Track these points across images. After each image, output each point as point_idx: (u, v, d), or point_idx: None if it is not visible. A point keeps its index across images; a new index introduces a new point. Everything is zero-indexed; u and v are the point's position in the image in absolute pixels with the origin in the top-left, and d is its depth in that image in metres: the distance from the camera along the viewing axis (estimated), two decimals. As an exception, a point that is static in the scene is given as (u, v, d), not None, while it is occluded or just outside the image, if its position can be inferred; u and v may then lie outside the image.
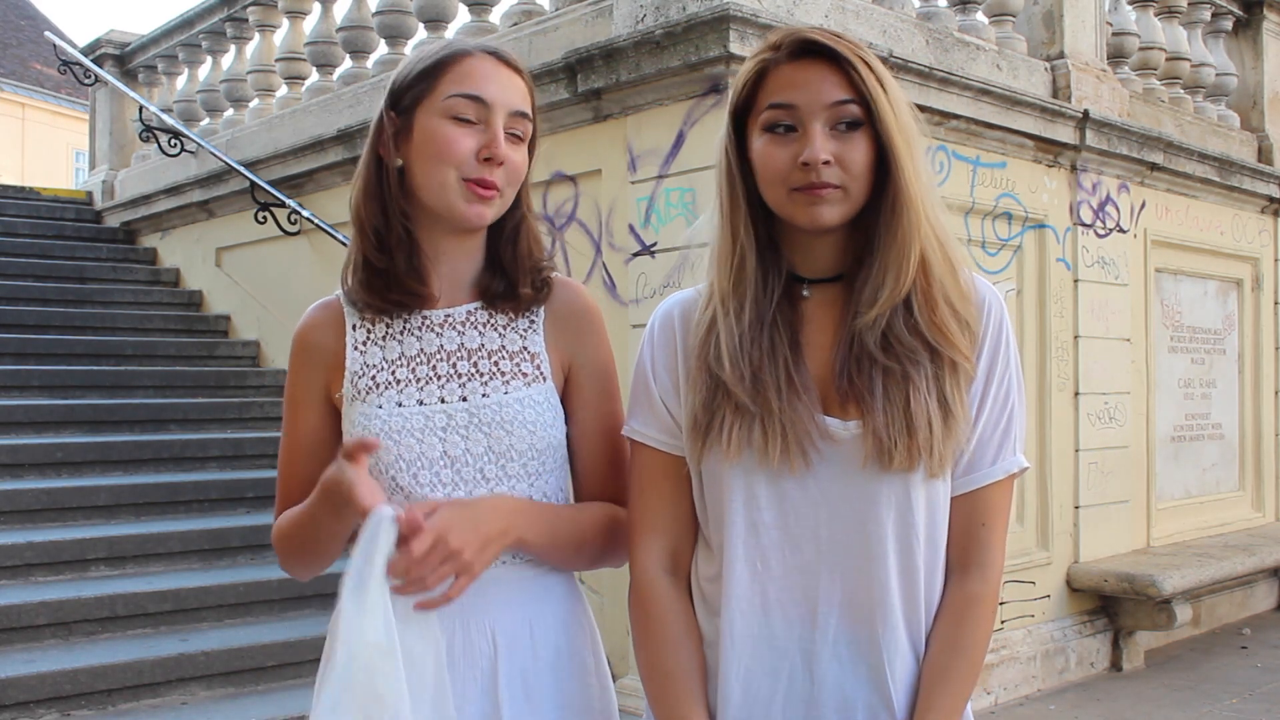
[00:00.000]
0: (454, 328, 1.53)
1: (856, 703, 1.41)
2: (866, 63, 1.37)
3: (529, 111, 1.50)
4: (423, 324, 1.53)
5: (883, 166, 1.37)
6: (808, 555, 1.39)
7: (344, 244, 5.50)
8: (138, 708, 3.80)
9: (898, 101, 1.38)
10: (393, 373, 1.51)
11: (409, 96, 1.49)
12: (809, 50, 1.38)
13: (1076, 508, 5.47)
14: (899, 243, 1.37)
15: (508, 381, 1.51)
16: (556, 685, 1.50)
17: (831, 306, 1.43)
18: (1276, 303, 7.10)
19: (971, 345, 1.40)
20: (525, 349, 1.54)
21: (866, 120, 1.36)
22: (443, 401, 1.49)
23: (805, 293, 1.44)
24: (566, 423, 1.55)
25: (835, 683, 1.41)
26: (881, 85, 1.36)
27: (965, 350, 1.39)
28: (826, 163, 1.35)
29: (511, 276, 1.54)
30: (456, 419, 1.48)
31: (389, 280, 1.50)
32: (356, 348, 1.53)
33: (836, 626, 1.40)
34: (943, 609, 1.43)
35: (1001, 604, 5.00)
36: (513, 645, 1.48)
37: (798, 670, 1.41)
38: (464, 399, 1.49)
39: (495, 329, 1.54)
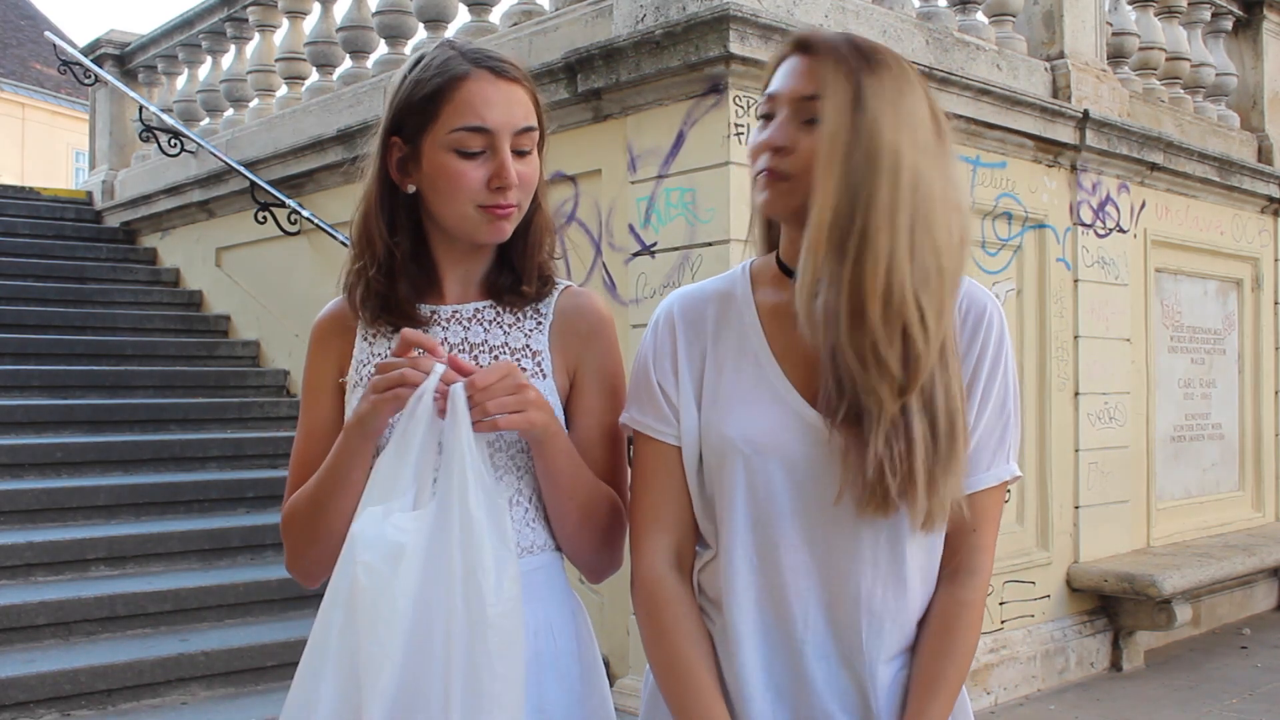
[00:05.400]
0: (460, 323, 1.55)
1: (840, 705, 1.41)
2: (843, 59, 1.33)
3: (534, 123, 1.50)
4: (431, 318, 1.56)
5: None
6: (800, 555, 1.40)
7: (344, 244, 5.50)
8: (138, 708, 3.80)
9: (867, 97, 1.31)
10: None
11: (412, 124, 1.48)
12: (801, 44, 1.40)
13: (1076, 508, 5.46)
14: (827, 253, 1.31)
15: None
16: (548, 686, 1.49)
17: None
18: (1276, 303, 7.09)
19: (915, 376, 1.31)
20: (528, 346, 1.55)
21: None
22: None
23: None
24: (569, 426, 1.55)
25: (822, 684, 1.41)
26: (852, 80, 1.32)
27: (887, 390, 1.30)
28: (778, 150, 1.36)
29: (519, 272, 1.56)
30: None
31: (388, 303, 1.53)
32: (366, 338, 1.57)
33: (823, 629, 1.40)
34: (932, 615, 1.43)
35: (1001, 604, 5.01)
36: None
37: (787, 669, 1.42)
38: None
39: (500, 326, 1.56)
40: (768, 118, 1.40)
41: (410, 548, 1.31)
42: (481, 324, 1.56)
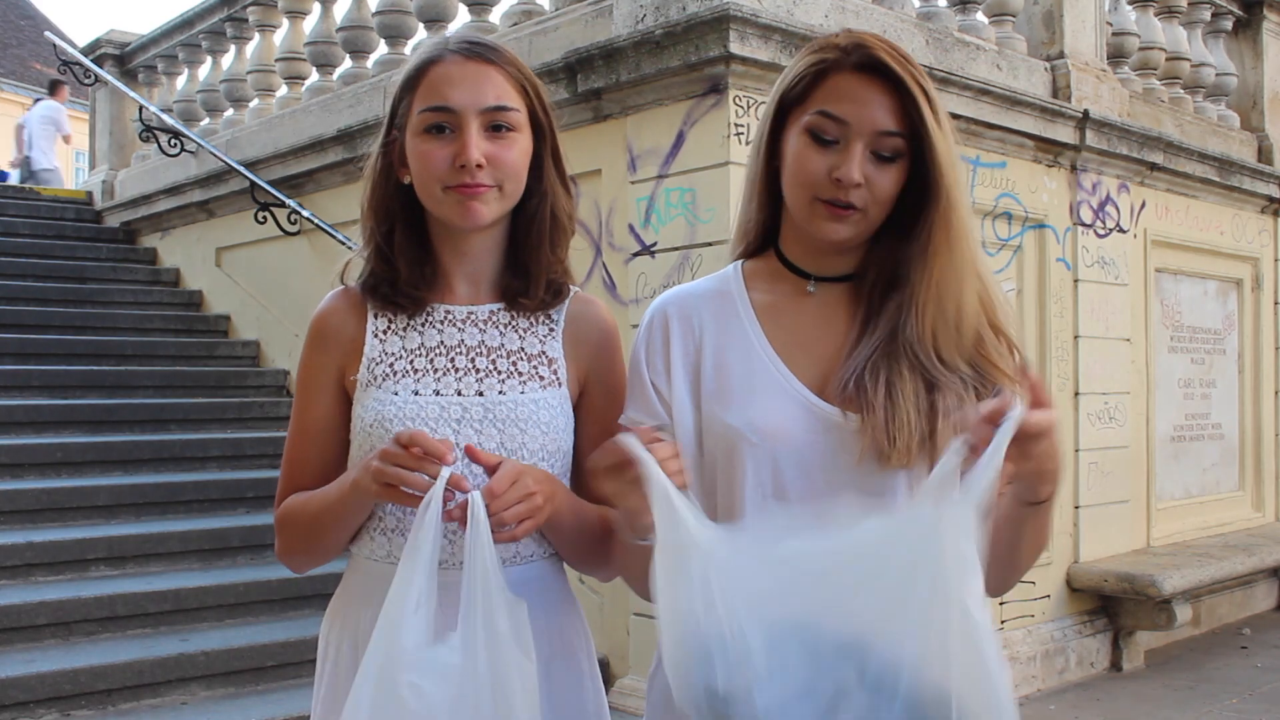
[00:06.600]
0: (476, 325, 1.55)
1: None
2: (925, 92, 1.38)
3: (509, 103, 1.48)
4: (445, 318, 1.55)
5: (923, 196, 1.40)
6: None
7: (344, 244, 5.50)
8: (138, 708, 3.80)
9: (947, 132, 1.40)
10: (410, 362, 1.53)
11: (399, 114, 1.52)
12: (873, 67, 1.38)
13: (1076, 508, 5.46)
14: (949, 270, 1.39)
15: (525, 382, 1.52)
16: (549, 688, 1.49)
17: (838, 305, 1.47)
18: (1276, 303, 7.09)
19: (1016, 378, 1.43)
20: (544, 353, 1.55)
21: (908, 153, 1.39)
22: (459, 394, 1.50)
23: (810, 288, 1.48)
24: (577, 431, 1.57)
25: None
26: (936, 118, 1.38)
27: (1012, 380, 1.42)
28: (858, 185, 1.37)
29: (529, 276, 1.55)
30: (471, 412, 1.49)
31: (393, 285, 1.54)
32: (377, 335, 1.55)
33: None
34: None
35: (1001, 604, 5.00)
36: None
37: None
38: (480, 394, 1.51)
39: (516, 330, 1.56)
40: (818, 136, 1.40)
41: (453, 669, 1.33)
42: (497, 327, 1.55)
